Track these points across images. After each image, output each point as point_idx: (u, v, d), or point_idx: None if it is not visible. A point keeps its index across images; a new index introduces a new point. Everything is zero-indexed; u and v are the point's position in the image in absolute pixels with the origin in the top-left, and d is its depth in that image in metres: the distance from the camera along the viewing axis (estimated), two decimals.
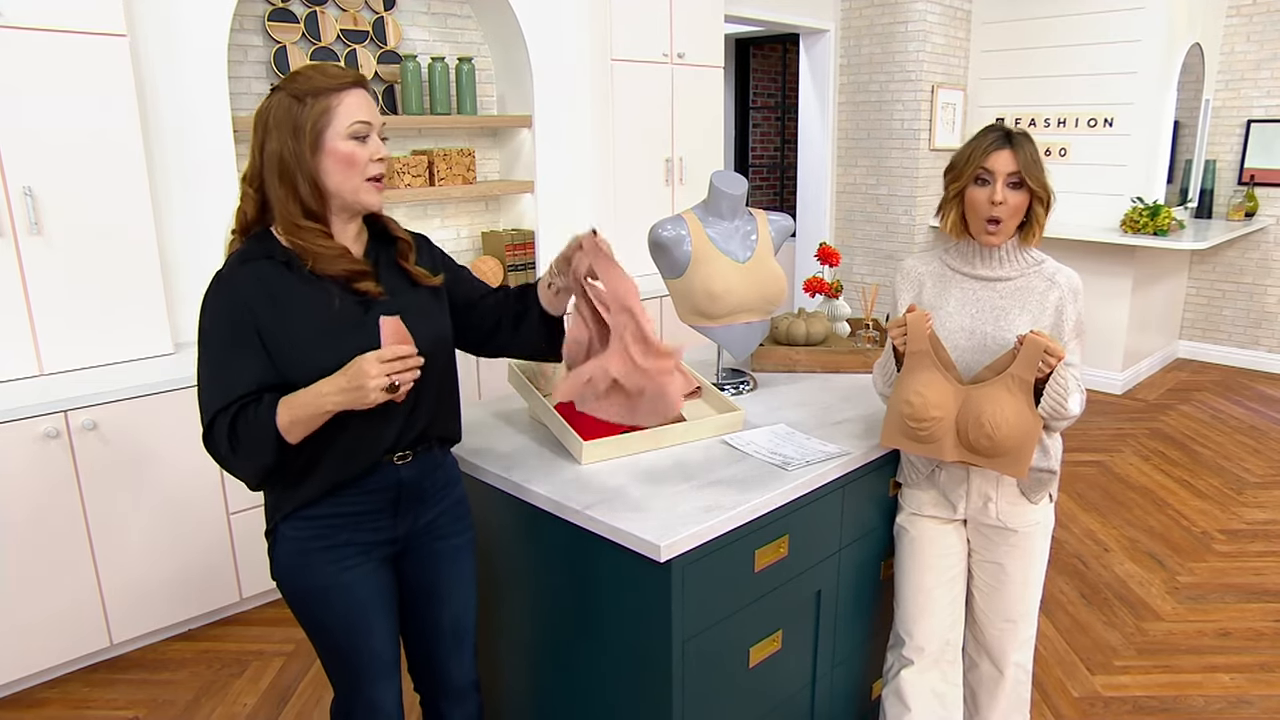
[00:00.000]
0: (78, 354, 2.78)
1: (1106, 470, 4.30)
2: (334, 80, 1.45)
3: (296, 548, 1.55)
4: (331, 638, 1.61)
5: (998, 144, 1.82)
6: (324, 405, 1.40)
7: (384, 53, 3.73)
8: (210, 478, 2.86)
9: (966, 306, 1.90)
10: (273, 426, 1.40)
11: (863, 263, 6.13)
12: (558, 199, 4.20)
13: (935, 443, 1.81)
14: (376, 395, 1.38)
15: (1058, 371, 1.73)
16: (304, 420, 1.41)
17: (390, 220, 1.64)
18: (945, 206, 1.92)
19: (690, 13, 4.40)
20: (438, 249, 1.74)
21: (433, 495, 1.67)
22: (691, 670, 1.66)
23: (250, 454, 1.42)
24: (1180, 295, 6.19)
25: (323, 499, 1.54)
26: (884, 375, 1.96)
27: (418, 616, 1.73)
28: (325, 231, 1.49)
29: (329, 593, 1.56)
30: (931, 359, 1.80)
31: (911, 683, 2.02)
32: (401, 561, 1.68)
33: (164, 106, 2.95)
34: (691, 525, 1.58)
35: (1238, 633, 2.94)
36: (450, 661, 1.77)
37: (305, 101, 1.43)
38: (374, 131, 1.49)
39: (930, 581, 1.99)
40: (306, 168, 1.44)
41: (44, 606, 2.61)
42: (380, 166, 1.50)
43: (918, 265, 2.01)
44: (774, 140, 8.16)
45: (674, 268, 2.25)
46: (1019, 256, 1.89)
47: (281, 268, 1.47)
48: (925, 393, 1.78)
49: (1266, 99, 5.71)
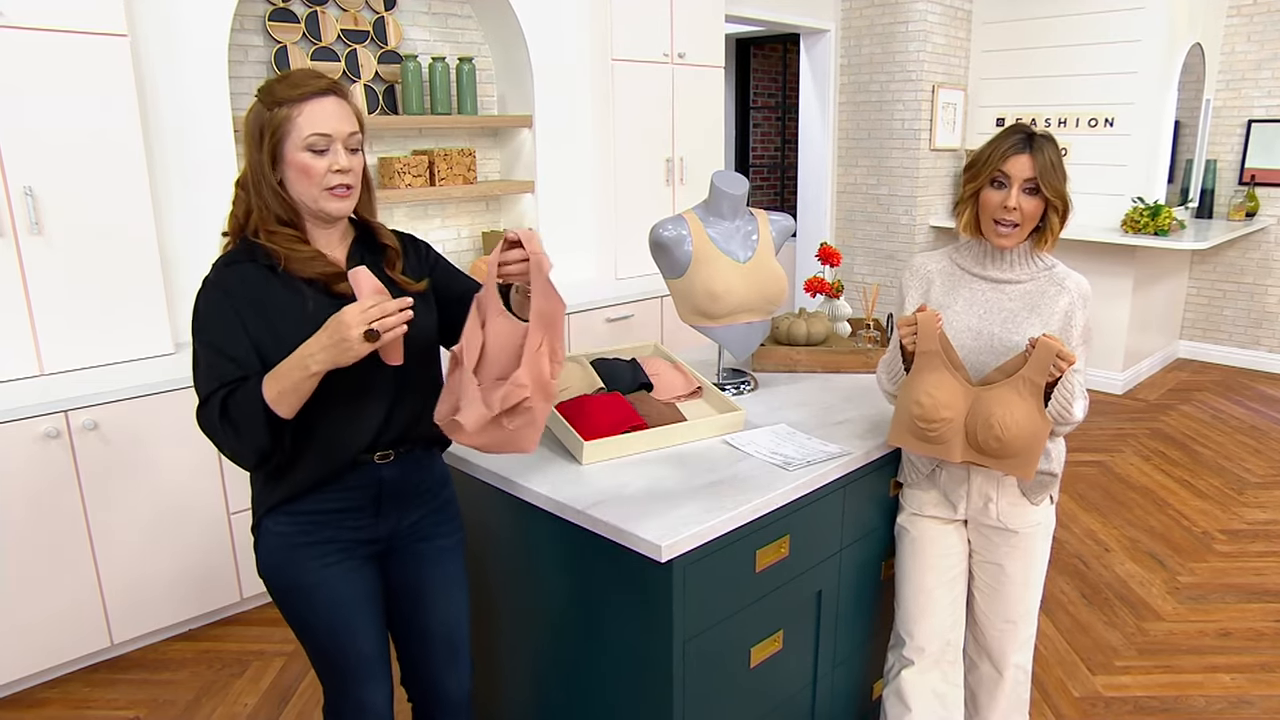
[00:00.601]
0: (78, 354, 2.78)
1: (1107, 470, 4.30)
2: (298, 90, 1.44)
3: (280, 543, 1.56)
4: (316, 635, 1.61)
5: (1017, 147, 1.79)
6: (309, 366, 1.36)
7: (384, 53, 3.73)
8: (211, 477, 2.87)
9: (974, 307, 1.89)
10: (261, 400, 1.39)
11: (863, 263, 6.13)
12: (558, 199, 4.20)
13: (944, 444, 1.80)
14: (360, 346, 1.34)
15: (1066, 376, 1.73)
16: (291, 388, 1.39)
17: (379, 226, 1.62)
18: (961, 205, 1.90)
19: (691, 13, 4.40)
20: (426, 248, 1.73)
21: (417, 496, 1.66)
22: (692, 670, 1.66)
23: (243, 431, 1.41)
24: (1181, 295, 6.19)
25: (305, 495, 1.54)
26: (890, 373, 1.95)
27: (405, 620, 1.73)
28: (299, 236, 1.50)
29: (312, 589, 1.57)
30: (942, 359, 1.78)
31: (912, 683, 2.01)
32: (386, 562, 1.68)
33: (164, 106, 2.95)
34: (692, 525, 1.58)
35: (1238, 633, 2.94)
36: (445, 673, 1.76)
37: (271, 110, 1.44)
38: (336, 143, 1.45)
39: (931, 582, 1.98)
40: (269, 176, 1.46)
41: (45, 606, 2.61)
42: (341, 178, 1.47)
43: (927, 263, 2.00)
44: (774, 140, 8.16)
45: (675, 268, 2.25)
46: (1030, 261, 1.88)
47: (265, 271, 1.48)
48: (936, 393, 1.77)
49: (1267, 99, 5.71)
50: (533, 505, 1.77)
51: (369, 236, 1.62)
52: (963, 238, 1.94)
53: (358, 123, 1.51)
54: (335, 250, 1.56)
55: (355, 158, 1.50)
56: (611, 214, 4.31)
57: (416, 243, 1.72)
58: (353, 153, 1.50)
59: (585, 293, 4.04)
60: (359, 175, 1.52)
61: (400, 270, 1.60)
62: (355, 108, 1.52)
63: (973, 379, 1.82)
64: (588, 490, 1.73)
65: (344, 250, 1.57)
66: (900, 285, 2.04)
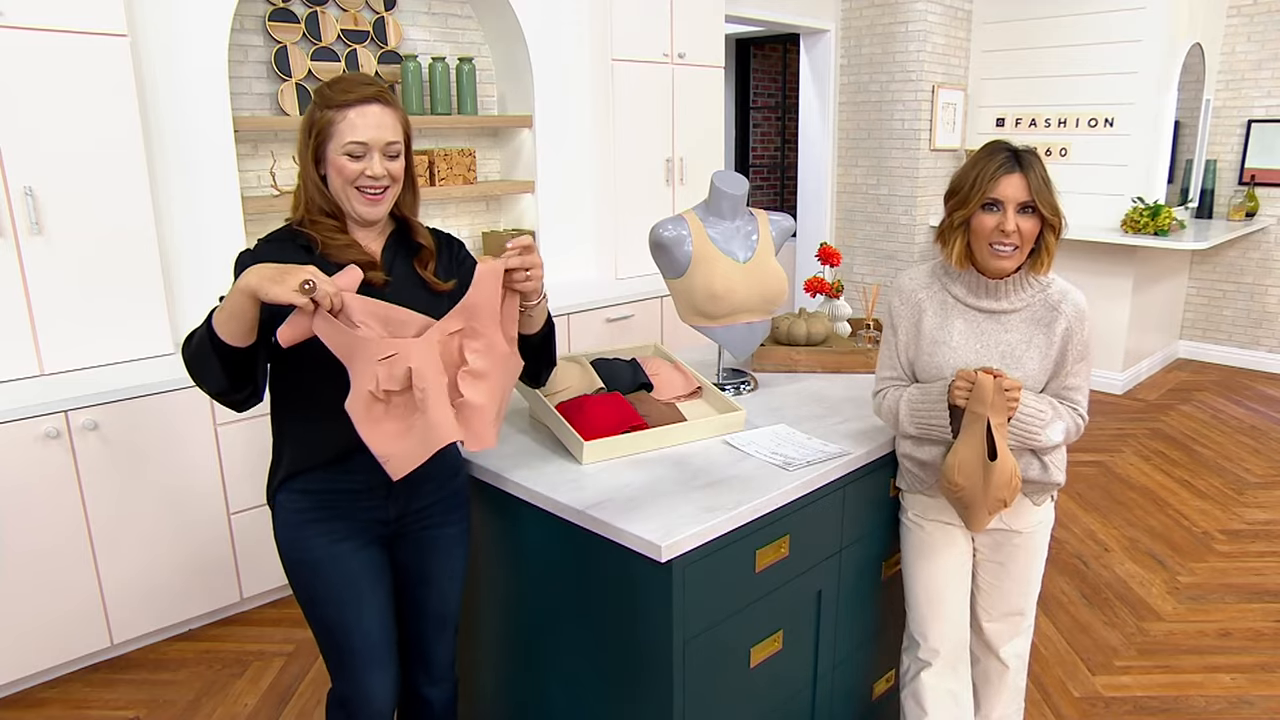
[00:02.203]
0: (78, 354, 2.78)
1: (1107, 470, 4.30)
2: (345, 95, 1.53)
3: (295, 519, 1.63)
4: (323, 610, 1.66)
5: (1006, 168, 1.70)
6: (245, 283, 1.35)
7: (384, 53, 3.73)
8: (211, 477, 2.87)
9: (970, 340, 1.83)
10: (208, 326, 1.42)
11: (863, 263, 6.13)
12: (558, 199, 4.20)
13: (964, 509, 1.80)
14: (289, 287, 1.32)
15: (1024, 404, 1.72)
16: (234, 310, 1.37)
17: (418, 225, 1.69)
18: (948, 235, 1.79)
19: (690, 13, 4.40)
20: (460, 248, 1.78)
21: (429, 482, 1.70)
22: (692, 670, 1.66)
23: (198, 358, 1.45)
24: (1181, 295, 6.19)
25: (314, 472, 1.60)
26: (916, 419, 1.84)
27: (406, 601, 1.78)
28: (339, 227, 1.59)
29: (321, 564, 1.62)
30: (984, 425, 1.70)
31: (930, 686, 2.02)
32: (395, 546, 1.73)
33: (165, 107, 2.95)
34: (692, 525, 1.58)
35: (1238, 633, 2.94)
36: (433, 645, 1.83)
37: (321, 112, 1.54)
38: (373, 151, 1.54)
39: (940, 584, 1.98)
40: (312, 172, 1.57)
41: (44, 606, 2.61)
42: (371, 182, 1.55)
43: (916, 290, 1.90)
44: (774, 140, 8.16)
45: (675, 268, 2.25)
46: (1025, 285, 1.80)
47: (303, 251, 1.56)
48: (958, 452, 1.74)
49: (1267, 99, 5.71)
50: (532, 505, 1.78)
51: (406, 233, 1.68)
52: (954, 270, 1.85)
53: (402, 130, 1.59)
54: (372, 244, 1.63)
55: (394, 163, 1.58)
56: (611, 214, 4.31)
57: (452, 243, 1.78)
58: (392, 159, 1.57)
59: (585, 293, 4.04)
60: (397, 178, 1.60)
61: (433, 270, 1.67)
62: (401, 114, 1.59)
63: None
64: (587, 490, 1.73)
65: (380, 244, 1.65)
66: (889, 308, 1.95)
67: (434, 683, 1.87)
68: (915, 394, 1.85)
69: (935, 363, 1.85)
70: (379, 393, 1.43)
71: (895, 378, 1.95)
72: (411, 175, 1.65)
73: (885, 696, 2.31)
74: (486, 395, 1.51)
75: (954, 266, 1.82)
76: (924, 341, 1.87)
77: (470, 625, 2.10)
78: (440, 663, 1.86)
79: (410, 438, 1.46)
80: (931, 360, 1.85)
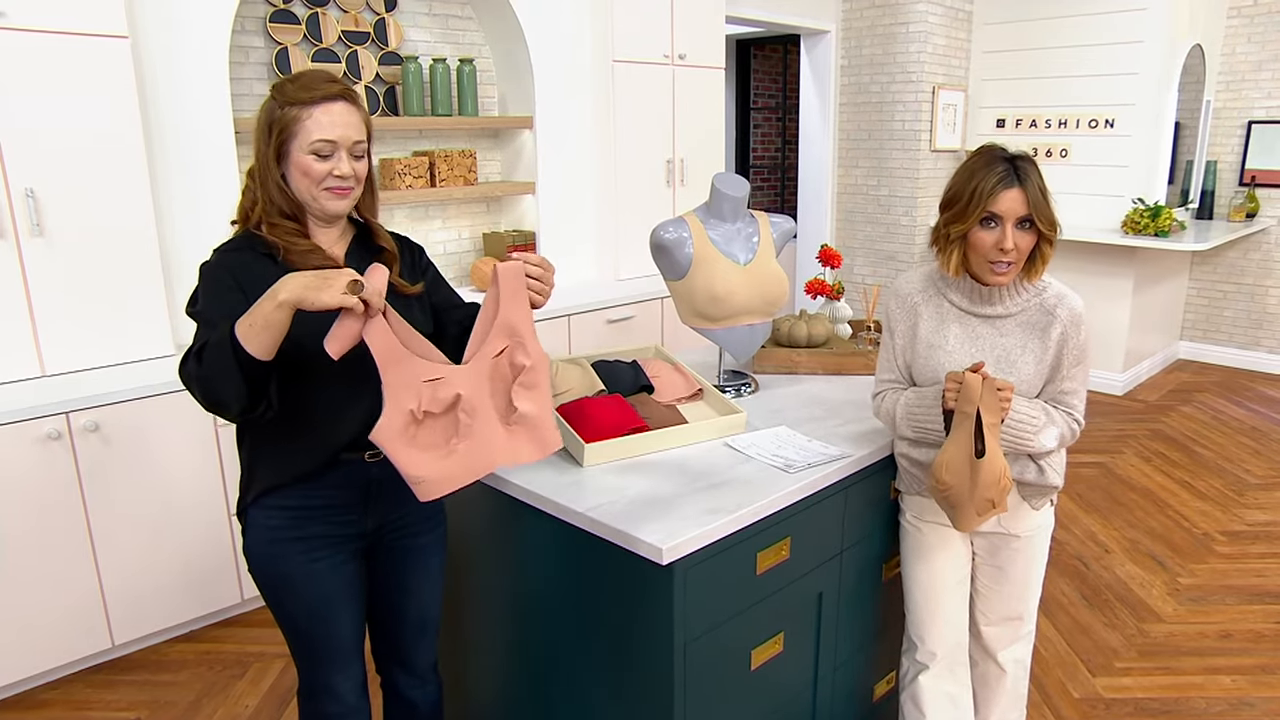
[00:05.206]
0: (79, 355, 2.78)
1: (1107, 471, 4.30)
2: (310, 92, 1.47)
3: (269, 535, 1.60)
4: (297, 624, 1.65)
5: (1005, 181, 1.68)
6: (277, 294, 1.31)
7: (385, 54, 3.73)
8: (212, 478, 2.87)
9: (966, 344, 1.83)
10: (231, 337, 1.33)
11: (864, 264, 6.13)
12: (559, 200, 4.20)
13: (952, 509, 1.78)
14: (338, 290, 1.29)
15: (1016, 407, 1.72)
16: (261, 320, 1.32)
17: (378, 228, 1.64)
18: (945, 246, 1.78)
19: (691, 13, 4.40)
20: (420, 252, 1.76)
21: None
22: (693, 673, 1.66)
23: (216, 373, 1.35)
24: (1181, 296, 6.19)
25: (290, 487, 1.57)
26: (912, 422, 1.86)
27: (384, 609, 1.79)
28: (299, 230, 1.54)
29: (298, 582, 1.61)
30: (971, 424, 1.70)
31: (928, 689, 2.02)
32: (372, 556, 1.73)
33: (165, 108, 2.95)
34: (693, 528, 1.58)
35: (1239, 634, 2.94)
36: (414, 648, 1.83)
37: (282, 109, 1.48)
38: (340, 150, 1.49)
39: (939, 587, 1.98)
40: (273, 171, 1.50)
41: (45, 607, 2.61)
42: (339, 183, 1.51)
43: (913, 294, 1.90)
44: (775, 141, 8.16)
45: (676, 270, 2.25)
46: (1020, 290, 1.81)
47: (264, 260, 1.51)
48: (945, 450, 1.73)
49: (1267, 100, 5.71)
50: (533, 508, 1.78)
51: (367, 237, 1.65)
52: (949, 277, 1.85)
53: (365, 129, 1.54)
54: (334, 247, 1.60)
55: (359, 163, 1.54)
56: (612, 215, 4.32)
57: (412, 246, 1.74)
58: (357, 159, 1.53)
59: (586, 294, 4.04)
60: (361, 178, 1.56)
61: (398, 273, 1.62)
62: (364, 113, 1.55)
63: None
64: (588, 492, 1.74)
65: (342, 248, 1.61)
66: (886, 312, 1.96)
67: (418, 685, 1.87)
68: (911, 398, 1.87)
69: (931, 366, 1.85)
70: (419, 413, 1.40)
71: (893, 380, 1.95)
72: (371, 177, 1.60)
73: (886, 698, 2.31)
74: (541, 402, 1.49)
75: (951, 275, 1.82)
76: (920, 345, 1.87)
77: (471, 628, 2.11)
78: (422, 665, 1.86)
79: (450, 462, 1.43)
80: (928, 364, 1.86)
